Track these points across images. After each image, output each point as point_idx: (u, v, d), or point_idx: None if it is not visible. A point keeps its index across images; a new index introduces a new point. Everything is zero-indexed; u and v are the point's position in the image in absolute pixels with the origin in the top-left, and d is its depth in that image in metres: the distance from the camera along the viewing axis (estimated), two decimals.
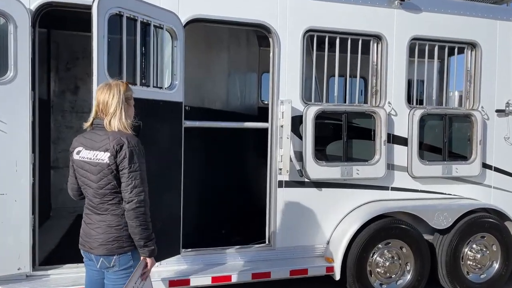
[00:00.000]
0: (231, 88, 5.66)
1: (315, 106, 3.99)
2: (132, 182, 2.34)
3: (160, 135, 3.43)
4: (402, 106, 4.29)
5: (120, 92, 2.43)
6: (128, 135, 2.39)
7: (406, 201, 4.28)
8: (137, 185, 2.34)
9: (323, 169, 4.00)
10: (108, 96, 2.42)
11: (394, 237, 4.06)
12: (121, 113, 2.41)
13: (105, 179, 2.37)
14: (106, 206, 2.40)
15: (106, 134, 2.40)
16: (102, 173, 2.37)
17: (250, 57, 6.30)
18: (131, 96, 2.53)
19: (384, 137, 4.16)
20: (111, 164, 2.35)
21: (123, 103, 2.43)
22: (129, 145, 2.34)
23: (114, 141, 2.35)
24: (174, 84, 3.54)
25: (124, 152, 2.33)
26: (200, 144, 4.46)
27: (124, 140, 2.35)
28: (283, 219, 4.00)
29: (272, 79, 3.96)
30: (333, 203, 4.14)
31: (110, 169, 2.35)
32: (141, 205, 2.34)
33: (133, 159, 2.34)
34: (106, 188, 2.38)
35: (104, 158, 2.36)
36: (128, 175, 2.34)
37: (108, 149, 2.35)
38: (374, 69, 4.27)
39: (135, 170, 2.34)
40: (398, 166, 4.31)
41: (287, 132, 3.86)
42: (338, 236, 4.03)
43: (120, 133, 2.38)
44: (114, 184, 2.38)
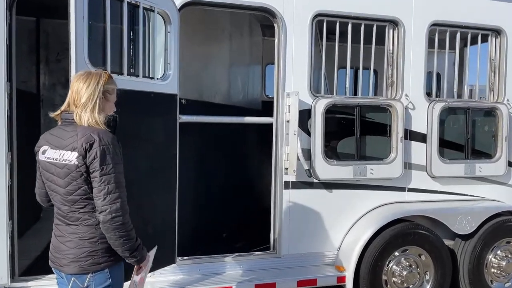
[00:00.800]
0: (232, 81, 5.27)
1: (325, 99, 3.60)
2: (105, 187, 1.97)
3: (152, 131, 3.06)
4: (420, 99, 3.90)
5: (98, 82, 2.06)
6: (100, 131, 2.02)
7: (425, 204, 3.89)
8: (111, 190, 1.97)
9: (333, 168, 3.62)
10: (83, 84, 2.05)
11: (413, 243, 3.68)
12: (93, 106, 2.04)
13: (74, 184, 2.01)
14: (77, 215, 2.04)
15: (74, 130, 2.04)
16: (70, 177, 2.01)
17: (253, 48, 5.90)
18: (112, 90, 2.16)
19: (401, 133, 3.77)
20: (80, 166, 1.99)
21: (99, 96, 2.06)
22: (100, 143, 1.98)
23: (82, 138, 1.98)
24: (167, 74, 3.16)
25: (95, 151, 1.96)
26: (198, 141, 4.08)
27: (95, 137, 1.99)
28: (289, 223, 3.63)
29: (278, 69, 3.58)
30: (344, 206, 3.76)
31: (79, 172, 1.99)
32: (117, 214, 1.98)
33: (106, 160, 1.97)
34: (76, 194, 2.02)
35: (72, 158, 1.99)
36: (100, 179, 1.97)
37: (76, 147, 1.99)
38: (389, 58, 3.87)
39: (108, 173, 1.97)
40: (415, 165, 3.91)
41: (294, 127, 3.48)
42: (350, 243, 3.65)
43: (90, 128, 2.02)
44: (85, 189, 2.01)
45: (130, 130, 2.78)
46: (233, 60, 5.22)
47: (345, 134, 3.79)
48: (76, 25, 2.45)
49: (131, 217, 2.22)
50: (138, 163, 2.89)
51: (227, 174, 4.71)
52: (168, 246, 3.25)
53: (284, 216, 3.62)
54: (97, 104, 2.05)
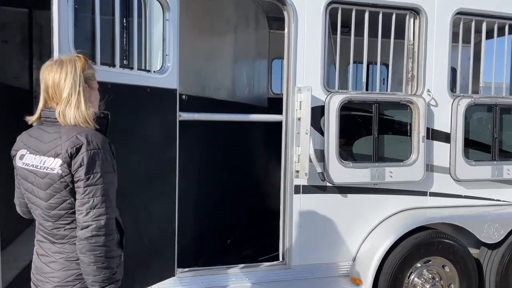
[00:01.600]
0: (236, 76, 4.94)
1: (340, 94, 3.26)
2: (89, 200, 1.66)
3: (148, 131, 2.74)
4: (443, 95, 3.55)
5: (76, 69, 1.75)
6: (89, 132, 1.71)
7: (448, 210, 3.56)
8: (96, 204, 1.66)
9: (349, 171, 3.29)
10: (60, 75, 1.73)
11: (436, 254, 3.35)
12: (78, 99, 1.72)
13: (57, 196, 1.70)
14: (63, 232, 1.73)
15: (57, 132, 1.72)
16: (53, 188, 1.70)
17: (259, 41, 5.57)
18: (93, 75, 1.84)
19: (422, 132, 3.43)
20: (64, 175, 1.67)
21: (82, 85, 1.74)
22: (88, 147, 1.66)
23: (67, 142, 1.67)
24: (165, 67, 2.83)
25: (81, 157, 1.65)
26: (199, 141, 3.76)
27: (82, 139, 1.67)
28: (300, 231, 3.30)
29: (287, 62, 3.24)
30: (361, 212, 3.43)
31: (63, 183, 1.68)
32: (98, 233, 1.65)
33: (93, 168, 1.66)
34: (60, 209, 1.71)
35: (55, 166, 1.68)
36: (84, 190, 1.66)
37: (59, 153, 1.67)
38: (410, 50, 3.53)
39: (95, 183, 1.66)
40: (438, 167, 3.57)
41: (306, 126, 3.15)
42: (367, 253, 3.33)
43: (77, 129, 1.71)
44: (71, 202, 1.71)
45: (122, 129, 2.47)
46: (237, 53, 4.89)
47: (361, 133, 3.47)
48: (59, 8, 2.13)
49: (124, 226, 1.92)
50: (132, 167, 2.57)
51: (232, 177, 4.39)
52: (167, 258, 2.94)
53: (295, 223, 3.29)
54: (82, 96, 1.73)
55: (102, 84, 2.12)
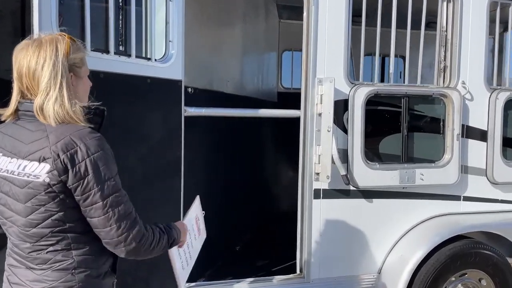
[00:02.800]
0: (244, 69, 4.56)
1: (366, 87, 2.89)
2: (114, 212, 1.36)
3: (148, 128, 2.39)
4: (480, 88, 3.17)
5: (57, 53, 1.38)
6: (82, 132, 1.35)
7: (485, 216, 3.18)
8: (126, 211, 1.39)
9: (376, 173, 2.91)
10: (37, 60, 1.36)
11: (473, 266, 2.98)
12: (60, 92, 1.35)
13: (41, 211, 1.35)
14: (45, 255, 1.38)
15: (41, 130, 1.36)
16: (36, 200, 1.34)
17: (268, 31, 5.19)
18: (82, 60, 1.47)
19: (457, 129, 3.05)
20: (53, 185, 1.32)
21: (65, 74, 1.37)
22: (89, 152, 1.33)
23: (58, 144, 1.32)
24: (169, 55, 2.47)
25: (83, 166, 1.32)
26: (205, 139, 3.39)
27: (78, 142, 1.33)
28: (320, 240, 2.94)
29: (306, 50, 2.87)
30: (387, 219, 3.06)
31: (51, 194, 1.33)
32: (139, 236, 1.41)
33: (102, 175, 1.34)
34: (43, 226, 1.36)
35: (39, 173, 1.32)
36: (105, 204, 1.35)
37: (47, 158, 1.32)
38: (443, 38, 3.15)
39: (112, 192, 1.36)
40: (472, 169, 3.20)
41: (327, 122, 2.78)
42: (396, 265, 2.96)
43: (67, 127, 1.35)
44: (61, 217, 1.36)
45: (118, 127, 2.11)
46: (245, 44, 4.51)
47: (388, 130, 3.09)
48: None
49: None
50: (129, 170, 2.21)
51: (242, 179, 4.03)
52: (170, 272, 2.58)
53: (314, 232, 2.93)
54: (65, 88, 1.37)
55: (93, 74, 1.76)
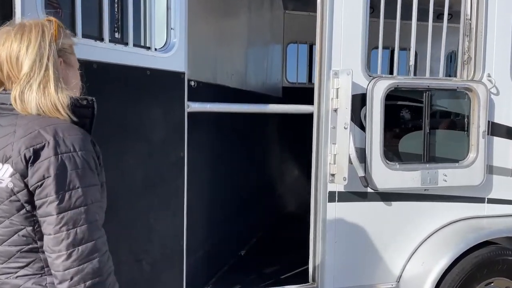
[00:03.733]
0: (248, 62, 4.31)
1: (386, 80, 2.64)
2: (68, 233, 1.08)
3: (149, 126, 2.14)
4: (506, 81, 2.93)
5: (43, 35, 1.17)
6: (59, 126, 1.13)
7: (510, 219, 2.96)
8: (82, 238, 1.09)
9: (396, 174, 2.68)
10: (20, 44, 1.16)
11: (500, 274, 2.75)
12: (46, 76, 1.14)
13: (6, 224, 1.12)
14: (14, 281, 1.15)
15: (12, 124, 1.14)
16: (0, 211, 1.12)
17: (273, 23, 4.94)
18: (71, 47, 1.26)
19: (483, 126, 2.81)
20: (17, 192, 1.10)
21: (52, 58, 1.16)
22: (57, 148, 1.09)
23: (23, 140, 1.10)
24: (170, 43, 2.22)
25: (46, 165, 1.08)
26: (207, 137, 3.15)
27: (47, 136, 1.10)
28: (335, 247, 2.71)
29: (320, 42, 2.61)
30: (407, 224, 2.83)
31: (15, 203, 1.10)
32: (94, 281, 1.09)
33: (68, 181, 1.09)
34: (10, 244, 1.14)
35: (2, 177, 1.10)
36: (58, 219, 1.08)
37: (9, 157, 1.10)
38: (467, 27, 2.90)
39: (74, 206, 1.09)
40: (498, 169, 2.96)
41: (345, 118, 2.54)
42: (418, 273, 2.73)
43: (41, 120, 1.13)
44: (28, 233, 1.13)
45: (114, 124, 1.87)
46: (249, 36, 4.26)
47: (409, 128, 2.86)
48: None
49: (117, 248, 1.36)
50: (127, 172, 1.98)
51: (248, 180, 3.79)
52: (172, 281, 2.35)
53: (328, 238, 2.69)
54: (52, 72, 1.15)
55: (85, 64, 1.52)
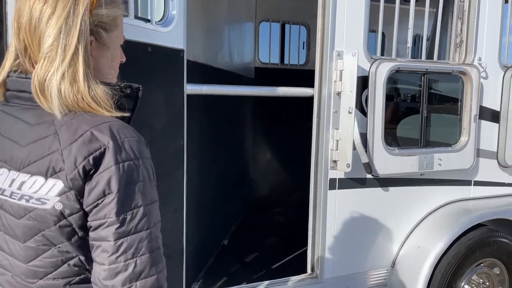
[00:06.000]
0: (217, 40, 4.04)
1: (388, 62, 2.55)
2: (126, 264, 0.84)
3: (148, 110, 1.87)
4: (493, 65, 2.97)
5: (77, 3, 0.86)
6: (114, 125, 0.87)
7: (496, 201, 3.04)
8: (142, 271, 0.84)
9: (396, 160, 2.62)
10: (44, 6, 0.85)
11: (490, 255, 2.83)
12: (73, 60, 0.85)
13: (51, 254, 0.87)
14: None
15: (46, 122, 0.86)
16: (43, 239, 0.86)
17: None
18: (115, 21, 0.95)
19: (475, 110, 2.83)
20: (69, 215, 0.84)
21: (84, 35, 0.86)
22: (117, 154, 0.83)
23: (77, 144, 0.83)
24: (169, 16, 1.95)
25: (107, 175, 0.82)
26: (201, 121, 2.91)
27: (105, 138, 0.84)
28: (335, 236, 2.62)
29: (323, 20, 2.45)
30: (403, 208, 2.81)
31: (66, 228, 0.85)
32: None
33: (132, 198, 0.84)
34: (55, 276, 0.88)
35: (46, 195, 0.83)
36: (116, 246, 0.83)
37: (60, 169, 0.83)
38: (460, 9, 2.88)
39: (135, 230, 0.84)
40: (484, 152, 3.02)
41: (349, 102, 2.42)
42: (414, 258, 2.73)
43: (89, 119, 0.85)
44: (81, 263, 0.89)
45: None
46: (219, 12, 3.98)
47: (406, 112, 2.81)
48: None
49: None
50: None
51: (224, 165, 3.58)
52: (172, 283, 2.14)
53: (329, 226, 2.60)
54: (81, 55, 0.86)
55: None
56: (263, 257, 3.29)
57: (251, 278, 2.80)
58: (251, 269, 3.02)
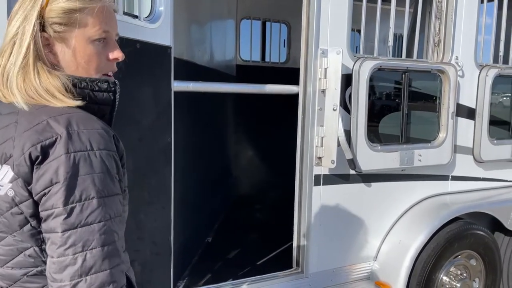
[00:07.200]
0: (196, 37, 4.03)
1: (371, 60, 2.60)
2: (75, 258, 0.82)
3: (136, 107, 1.86)
4: (470, 64, 3.07)
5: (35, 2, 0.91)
6: (73, 114, 0.88)
7: (472, 195, 3.15)
8: (91, 266, 0.83)
9: (378, 156, 2.69)
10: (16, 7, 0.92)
11: (467, 247, 2.93)
12: (26, 56, 0.89)
13: (7, 242, 0.88)
14: None
15: (13, 112, 0.89)
16: (1, 225, 0.88)
17: None
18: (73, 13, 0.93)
19: (452, 107, 2.93)
20: (19, 202, 0.84)
21: (33, 31, 0.90)
22: (68, 144, 0.83)
23: (28, 133, 0.84)
24: (157, 12, 1.94)
25: (55, 164, 0.82)
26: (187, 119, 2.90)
27: (59, 128, 0.85)
28: (319, 231, 2.67)
29: (307, 18, 2.49)
30: (385, 203, 2.88)
31: (18, 216, 0.86)
32: None
33: (78, 188, 0.83)
34: (14, 265, 0.89)
35: (1, 181, 0.84)
36: (64, 238, 0.82)
37: (9, 156, 0.84)
38: (438, 9, 2.96)
39: (85, 223, 0.83)
40: (461, 148, 3.13)
41: (334, 100, 2.47)
42: (396, 251, 2.80)
43: (52, 109, 0.87)
44: (37, 254, 0.89)
45: None
46: (199, 9, 3.96)
47: (387, 109, 2.87)
48: None
49: None
50: None
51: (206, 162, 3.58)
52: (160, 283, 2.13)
53: (313, 222, 2.65)
54: (33, 51, 0.89)
55: None
56: (247, 253, 3.30)
57: (236, 274, 2.81)
58: (236, 266, 3.03)
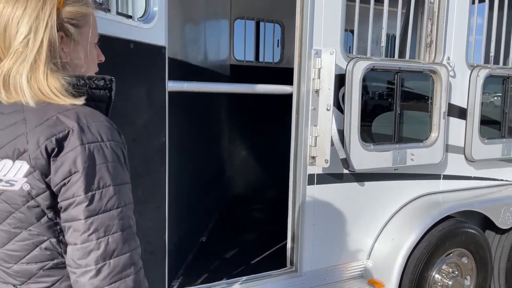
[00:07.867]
0: (191, 37, 4.03)
1: (364, 61, 2.63)
2: (98, 243, 0.86)
3: (131, 107, 1.87)
4: (461, 64, 3.11)
5: (45, 2, 0.91)
6: (81, 111, 0.90)
7: (464, 194, 3.19)
8: (114, 249, 0.87)
9: (371, 155, 2.71)
10: (14, 8, 0.90)
11: (459, 245, 2.97)
12: (39, 55, 0.89)
13: (23, 236, 0.88)
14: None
15: (17, 111, 0.90)
16: (14, 221, 0.88)
17: None
18: (84, 18, 0.99)
19: (444, 107, 2.96)
20: (36, 195, 0.86)
21: (49, 32, 0.91)
22: (84, 136, 0.86)
23: (40, 128, 0.86)
24: (151, 12, 1.94)
25: (73, 156, 0.85)
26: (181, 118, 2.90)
27: (70, 122, 0.87)
28: (313, 230, 2.69)
29: (301, 18, 2.51)
30: (378, 202, 2.90)
31: (35, 209, 0.87)
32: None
33: (99, 177, 0.86)
34: (28, 261, 0.90)
35: (15, 177, 0.86)
36: (86, 225, 0.86)
37: (25, 151, 0.85)
38: (430, 10, 3.00)
39: (105, 208, 0.87)
40: (452, 147, 3.17)
41: (327, 100, 2.49)
42: (388, 250, 2.83)
43: (57, 106, 0.89)
44: (53, 246, 0.90)
45: None
46: (194, 9, 3.96)
47: (380, 109, 2.90)
48: None
49: None
50: None
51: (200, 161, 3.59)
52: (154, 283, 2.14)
53: (307, 221, 2.66)
54: (45, 49, 0.90)
55: None
56: (242, 253, 3.32)
57: (231, 274, 2.82)
58: (230, 265, 3.04)
